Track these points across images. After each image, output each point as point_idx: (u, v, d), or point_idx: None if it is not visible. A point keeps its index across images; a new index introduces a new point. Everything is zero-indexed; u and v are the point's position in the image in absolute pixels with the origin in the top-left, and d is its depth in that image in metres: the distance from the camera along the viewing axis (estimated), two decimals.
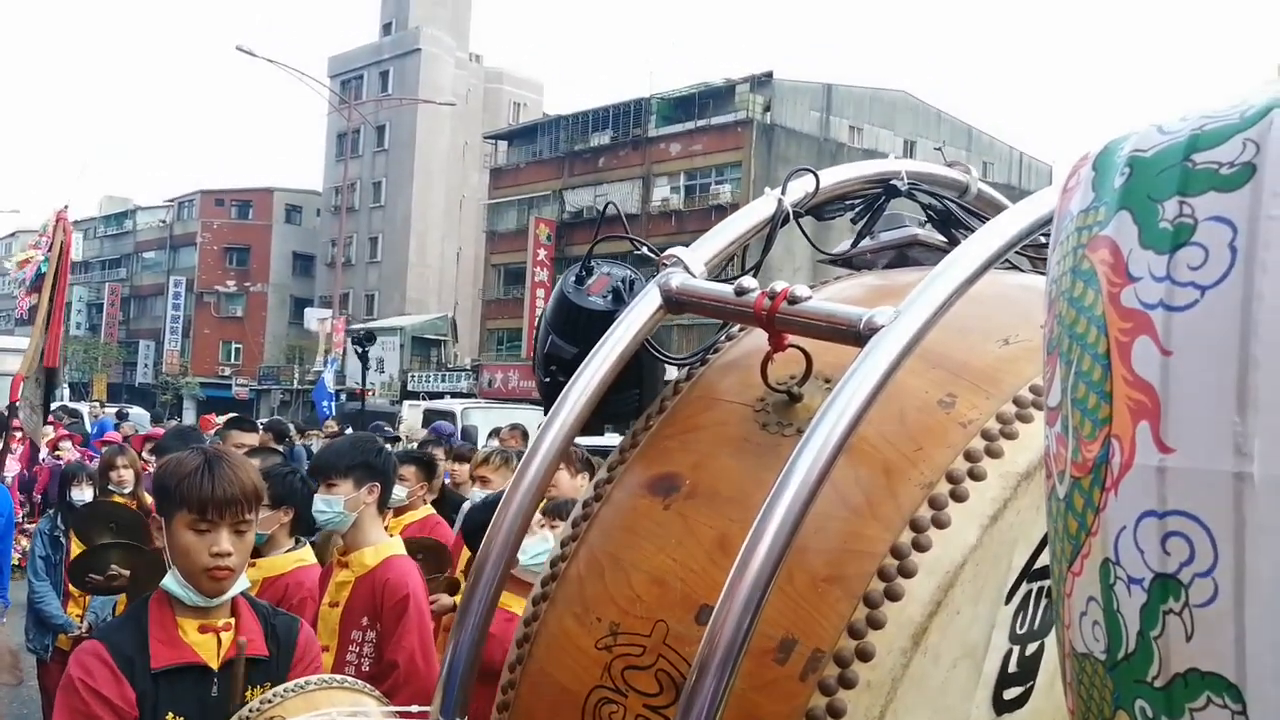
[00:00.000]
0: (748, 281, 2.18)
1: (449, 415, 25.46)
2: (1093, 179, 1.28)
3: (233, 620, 2.92)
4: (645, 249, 2.54)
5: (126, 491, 8.05)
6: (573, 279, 2.47)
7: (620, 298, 2.41)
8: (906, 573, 1.92)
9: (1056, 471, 1.31)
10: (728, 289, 2.20)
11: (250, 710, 2.43)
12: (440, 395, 43.32)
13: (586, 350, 2.26)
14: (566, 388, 2.20)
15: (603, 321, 2.31)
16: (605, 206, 3.42)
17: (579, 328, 2.40)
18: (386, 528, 6.64)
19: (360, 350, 28.70)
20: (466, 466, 8.56)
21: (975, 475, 1.98)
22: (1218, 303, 1.12)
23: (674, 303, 2.25)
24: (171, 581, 2.87)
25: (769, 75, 49.49)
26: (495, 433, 14.79)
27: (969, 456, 2.01)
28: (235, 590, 2.92)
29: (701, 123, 49.65)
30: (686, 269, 2.29)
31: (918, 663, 1.92)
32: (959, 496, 1.97)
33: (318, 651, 3.23)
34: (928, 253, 2.80)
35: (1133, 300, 1.19)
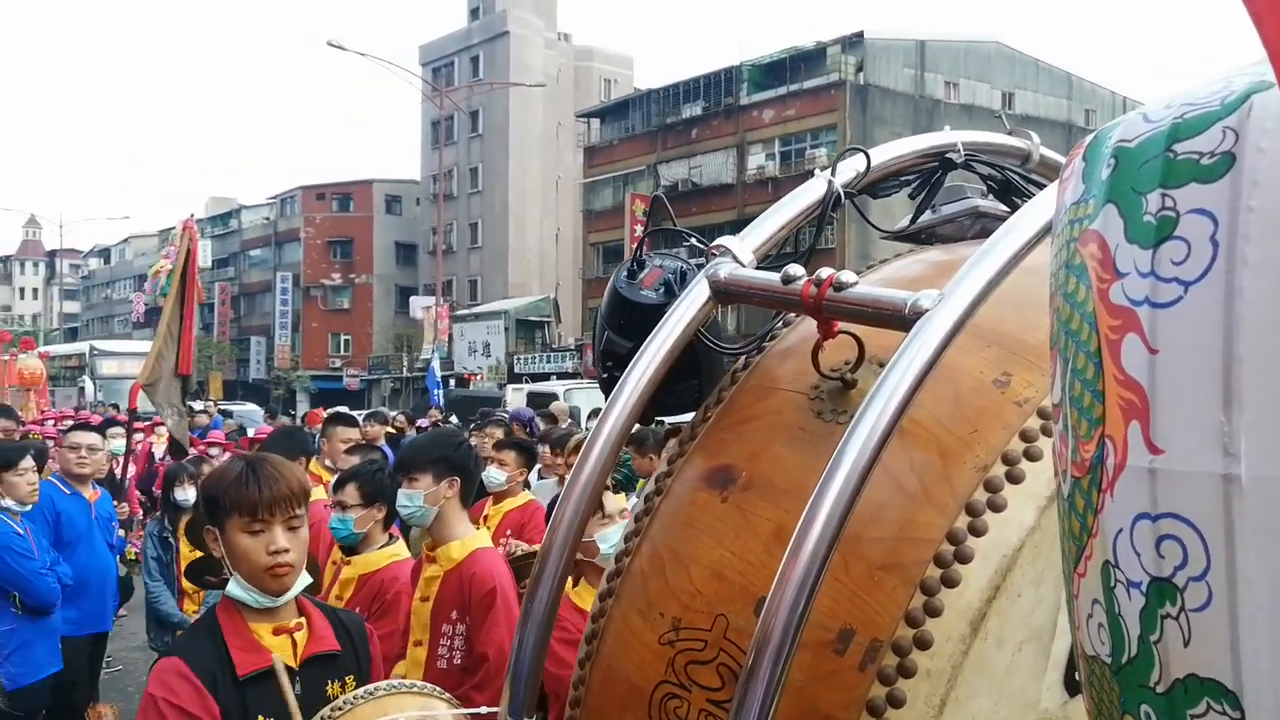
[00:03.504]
0: (794, 269, 2.14)
1: (551, 397, 25.63)
2: (1083, 170, 1.23)
3: (303, 620, 2.99)
4: (694, 240, 2.52)
5: None
6: (625, 273, 2.47)
7: (672, 290, 2.39)
8: (963, 558, 1.88)
9: (1060, 471, 1.28)
10: (775, 278, 2.17)
11: (320, 717, 2.47)
12: (546, 376, 43.59)
13: (641, 345, 2.25)
14: (619, 383, 2.20)
15: (656, 315, 2.29)
16: (653, 196, 3.42)
17: (633, 322, 2.39)
18: (486, 516, 6.74)
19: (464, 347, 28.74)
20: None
21: (1031, 456, 1.94)
22: (1201, 299, 1.08)
23: (723, 294, 2.23)
24: (235, 587, 2.93)
25: (860, 35, 48.84)
26: (596, 412, 14.85)
27: (1024, 436, 1.96)
28: (298, 588, 2.98)
29: (794, 87, 49.19)
30: (735, 259, 2.27)
31: (978, 648, 1.89)
32: (1015, 478, 1.93)
33: (379, 649, 3.28)
34: (999, 223, 2.74)
35: (1120, 296, 1.15)
